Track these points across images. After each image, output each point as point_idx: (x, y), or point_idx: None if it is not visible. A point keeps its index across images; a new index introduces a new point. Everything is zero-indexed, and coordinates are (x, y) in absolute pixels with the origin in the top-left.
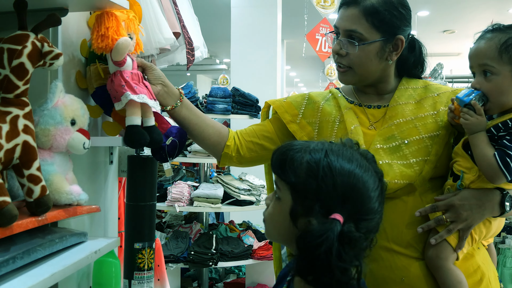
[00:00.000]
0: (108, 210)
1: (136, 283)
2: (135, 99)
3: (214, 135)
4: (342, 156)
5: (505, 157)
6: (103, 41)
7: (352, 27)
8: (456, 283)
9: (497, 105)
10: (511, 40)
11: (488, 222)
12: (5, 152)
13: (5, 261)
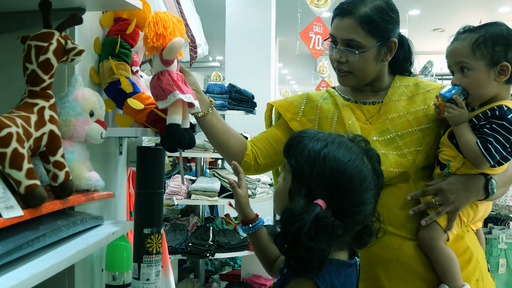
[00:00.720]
0: (118, 197)
1: (145, 266)
2: (183, 98)
3: (237, 145)
4: (340, 149)
5: (487, 144)
6: (158, 40)
7: (350, 36)
8: (448, 260)
9: (477, 98)
10: (481, 38)
11: (475, 206)
12: (34, 140)
13: (36, 238)
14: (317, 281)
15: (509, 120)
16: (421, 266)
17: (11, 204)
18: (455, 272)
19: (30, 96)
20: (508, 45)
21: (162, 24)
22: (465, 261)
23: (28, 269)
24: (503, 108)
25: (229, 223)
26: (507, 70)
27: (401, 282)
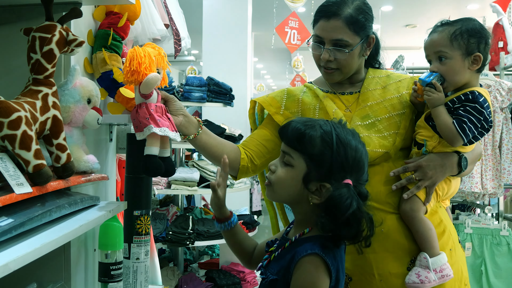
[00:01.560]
0: (109, 181)
1: (135, 246)
2: (157, 132)
3: (232, 153)
4: (345, 132)
5: (462, 124)
6: (133, 75)
7: (338, 36)
8: (428, 229)
9: (452, 84)
10: (458, 30)
11: (449, 181)
12: (39, 124)
13: (44, 213)
14: (325, 257)
15: (480, 103)
16: (403, 237)
17: (21, 182)
18: (434, 241)
19: (34, 84)
20: (481, 38)
21: (137, 60)
22: (439, 233)
23: (40, 239)
24: (475, 93)
25: (208, 212)
26: (479, 60)
27: (385, 253)
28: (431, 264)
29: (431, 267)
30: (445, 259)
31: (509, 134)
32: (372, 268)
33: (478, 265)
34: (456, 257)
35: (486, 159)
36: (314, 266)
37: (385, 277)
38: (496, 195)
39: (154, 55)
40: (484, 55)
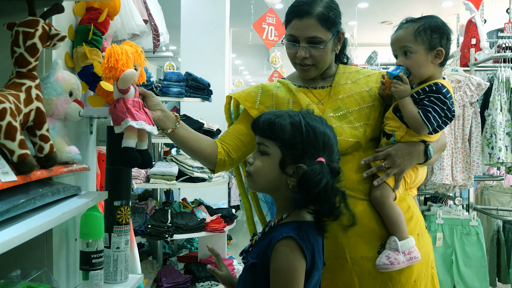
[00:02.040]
0: (89, 172)
1: (115, 235)
2: (134, 125)
3: (209, 147)
4: (312, 118)
5: (427, 113)
6: (111, 71)
7: (313, 34)
8: (397, 214)
9: (417, 76)
10: (422, 27)
11: (416, 169)
12: (23, 115)
13: (28, 200)
14: (299, 240)
15: (443, 93)
16: (373, 223)
17: (6, 170)
18: (402, 225)
19: (18, 77)
20: (443, 34)
21: (115, 57)
22: (408, 219)
23: (25, 225)
24: (438, 85)
25: (186, 206)
26: (441, 54)
27: (357, 238)
28: (400, 247)
29: (400, 250)
30: (413, 242)
31: (477, 128)
32: (344, 252)
33: (448, 254)
34: (423, 241)
35: (456, 152)
36: (290, 250)
37: (357, 260)
38: (466, 186)
39: (131, 53)
40: (446, 49)
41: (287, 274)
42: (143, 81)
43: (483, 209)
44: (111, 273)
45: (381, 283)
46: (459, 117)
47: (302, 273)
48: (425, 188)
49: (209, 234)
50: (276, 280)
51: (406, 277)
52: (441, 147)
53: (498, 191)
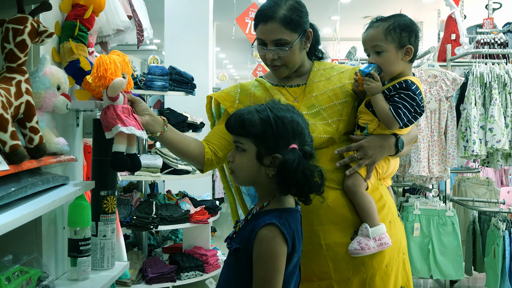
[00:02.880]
0: (76, 163)
1: (102, 224)
2: (124, 130)
3: (196, 148)
4: (279, 108)
5: (397, 109)
6: (100, 81)
7: (277, 37)
8: (368, 203)
9: (388, 73)
10: (392, 25)
11: (388, 160)
12: (14, 108)
13: (20, 188)
14: (280, 226)
15: (413, 90)
16: (347, 211)
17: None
18: (373, 213)
19: (8, 71)
20: (412, 32)
21: (103, 67)
22: (380, 207)
23: (17, 212)
24: (408, 82)
25: (171, 198)
26: (411, 52)
27: (331, 225)
28: (371, 233)
29: (371, 236)
30: (383, 229)
31: (453, 122)
32: (319, 239)
33: (425, 244)
34: (395, 228)
35: (432, 145)
36: (272, 236)
37: (331, 246)
38: (442, 178)
39: (119, 62)
40: (414, 47)
41: (270, 259)
42: (130, 88)
43: (459, 200)
44: (98, 260)
45: (354, 267)
46: (435, 111)
47: (284, 257)
48: (403, 180)
49: (193, 225)
50: (259, 265)
51: (378, 261)
52: (412, 139)
53: (475, 183)
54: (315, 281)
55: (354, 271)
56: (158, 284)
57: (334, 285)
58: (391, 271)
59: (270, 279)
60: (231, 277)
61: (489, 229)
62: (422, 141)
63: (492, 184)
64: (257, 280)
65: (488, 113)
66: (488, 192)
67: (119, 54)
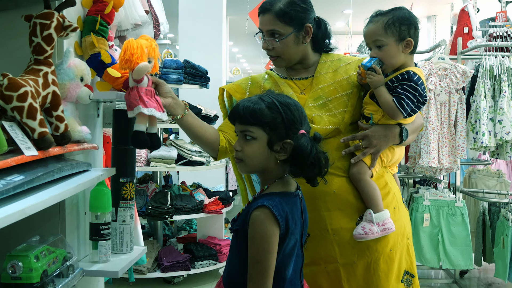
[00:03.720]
0: (96, 151)
1: (121, 209)
2: (145, 112)
3: (213, 135)
4: (281, 96)
5: (400, 100)
6: (126, 63)
7: (271, 28)
8: (372, 189)
9: (390, 66)
10: (391, 20)
11: (393, 149)
12: (42, 97)
13: (47, 173)
14: (272, 208)
15: (415, 81)
16: (352, 197)
17: (29, 146)
18: (377, 199)
19: (35, 64)
20: (411, 25)
21: (130, 51)
22: (384, 194)
23: (46, 194)
24: (410, 73)
25: (185, 189)
26: (411, 44)
27: (337, 211)
28: (374, 219)
29: (375, 221)
30: (387, 215)
31: (463, 114)
32: (326, 224)
33: (435, 234)
34: (399, 214)
35: (442, 137)
36: (263, 217)
37: (337, 231)
38: (452, 169)
39: (146, 46)
40: (414, 39)
41: (261, 239)
42: (156, 71)
43: (469, 191)
44: (117, 244)
45: (359, 251)
46: (445, 103)
47: (275, 238)
48: (414, 172)
49: (207, 215)
50: (253, 244)
51: (382, 246)
52: (417, 128)
53: (485, 175)
54: (322, 264)
55: (359, 254)
56: (173, 272)
57: (340, 268)
58: (395, 255)
59: (262, 258)
60: (234, 257)
61: (499, 220)
62: (432, 133)
63: (502, 176)
64: (250, 259)
65: (497, 105)
66: (498, 184)
67: (148, 39)
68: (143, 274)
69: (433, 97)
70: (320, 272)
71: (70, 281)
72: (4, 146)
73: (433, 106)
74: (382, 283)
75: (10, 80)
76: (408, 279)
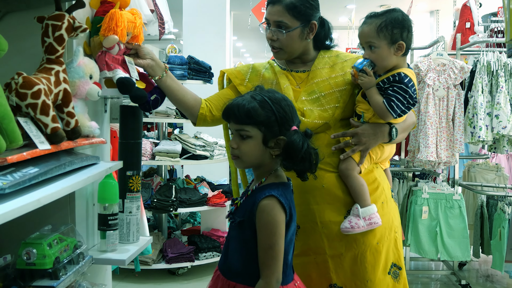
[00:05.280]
0: (104, 145)
1: (128, 201)
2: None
3: (191, 99)
4: (271, 92)
5: (391, 102)
6: (109, 32)
7: (279, 19)
8: (360, 185)
9: (381, 68)
10: (384, 23)
11: (382, 147)
12: (54, 95)
13: (60, 165)
14: (279, 197)
15: (405, 83)
16: (340, 192)
17: (42, 140)
18: (364, 194)
19: (47, 63)
20: (403, 28)
21: (115, 21)
22: (373, 189)
23: (59, 185)
24: (401, 74)
25: (190, 183)
26: (403, 47)
27: (326, 205)
28: (361, 213)
29: (361, 216)
30: (374, 210)
31: (460, 109)
32: (315, 217)
33: (433, 226)
34: (387, 208)
35: (440, 131)
36: (272, 206)
37: (326, 224)
38: (450, 163)
39: (129, 21)
40: (407, 42)
41: (272, 226)
42: (137, 42)
43: (468, 185)
44: (124, 234)
45: (347, 243)
46: (444, 98)
47: (283, 224)
48: (413, 166)
49: (211, 208)
50: (263, 232)
51: (369, 239)
52: (408, 127)
53: (484, 169)
54: (311, 255)
55: (346, 247)
56: (177, 263)
57: (329, 259)
58: (382, 248)
59: (274, 243)
60: (237, 249)
61: (496, 212)
62: (431, 127)
63: (501, 170)
64: (262, 246)
65: (494, 100)
66: (497, 177)
67: (134, 13)
68: (148, 265)
69: (432, 92)
70: (309, 262)
71: (81, 268)
72: (19, 140)
73: (432, 101)
74: (368, 274)
75: (25, 78)
76: (396, 271)
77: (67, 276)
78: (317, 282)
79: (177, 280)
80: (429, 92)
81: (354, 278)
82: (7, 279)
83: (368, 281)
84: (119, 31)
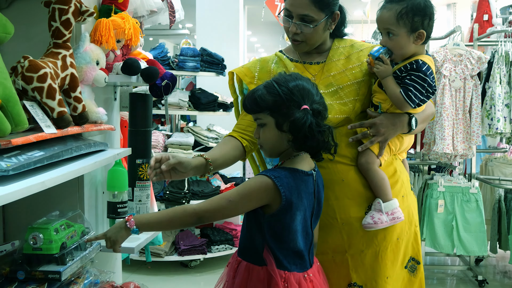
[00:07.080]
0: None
1: (138, 190)
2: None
3: (236, 151)
4: (284, 76)
5: (408, 92)
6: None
7: (305, 12)
8: (381, 179)
9: (399, 56)
10: (404, 9)
11: (401, 138)
12: (60, 79)
13: (66, 150)
14: (274, 179)
15: (423, 71)
16: (360, 186)
17: (48, 124)
18: (386, 189)
19: (54, 47)
20: (425, 16)
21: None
22: (393, 182)
23: (65, 169)
24: (419, 62)
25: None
26: (423, 36)
27: (346, 200)
28: (383, 208)
29: (384, 211)
30: (396, 204)
31: (478, 100)
32: (335, 213)
33: (449, 220)
34: (407, 202)
35: (457, 123)
36: (258, 179)
37: (346, 220)
38: (467, 156)
39: (116, 27)
40: (427, 30)
41: (246, 185)
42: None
43: (485, 178)
44: None
45: (368, 240)
46: (460, 89)
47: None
48: (429, 158)
49: None
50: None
51: (390, 234)
52: (427, 117)
53: (502, 163)
54: (330, 253)
55: (367, 244)
56: (190, 256)
57: (348, 258)
58: (401, 243)
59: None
60: (244, 225)
61: None
62: (447, 119)
63: None
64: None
65: None
66: None
67: (123, 18)
68: (160, 258)
69: (448, 83)
70: (327, 261)
71: (88, 254)
72: (25, 123)
73: (448, 92)
74: (388, 271)
75: (31, 62)
76: (413, 265)
77: (74, 262)
78: (335, 282)
79: (190, 273)
80: (445, 83)
81: (374, 276)
82: (14, 264)
83: (388, 277)
84: (104, 41)
